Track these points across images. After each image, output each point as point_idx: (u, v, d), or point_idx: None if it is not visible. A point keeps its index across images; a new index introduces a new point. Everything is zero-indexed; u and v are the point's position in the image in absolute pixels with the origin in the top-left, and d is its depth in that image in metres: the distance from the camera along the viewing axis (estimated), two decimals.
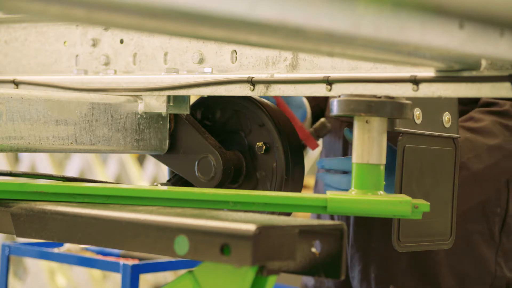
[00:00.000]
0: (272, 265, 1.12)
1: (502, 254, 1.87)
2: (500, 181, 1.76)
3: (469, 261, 1.81)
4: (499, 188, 1.86)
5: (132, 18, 0.76)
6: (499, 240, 1.87)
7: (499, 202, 1.87)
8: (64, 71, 1.74)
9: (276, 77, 1.43)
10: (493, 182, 1.70)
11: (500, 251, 1.86)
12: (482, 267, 1.84)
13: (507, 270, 1.87)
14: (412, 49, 0.97)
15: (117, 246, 1.25)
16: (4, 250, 2.71)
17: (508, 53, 0.95)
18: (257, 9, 0.73)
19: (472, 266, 1.83)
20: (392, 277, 1.84)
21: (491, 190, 1.70)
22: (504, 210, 1.87)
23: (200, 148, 1.63)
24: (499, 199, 1.87)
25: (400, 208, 1.24)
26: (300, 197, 1.29)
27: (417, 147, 1.46)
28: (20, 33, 1.81)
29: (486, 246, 1.84)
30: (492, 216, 1.86)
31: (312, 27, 0.78)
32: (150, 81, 1.58)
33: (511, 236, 1.88)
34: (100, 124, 1.53)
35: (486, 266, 1.84)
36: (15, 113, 1.41)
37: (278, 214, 1.50)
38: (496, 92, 1.15)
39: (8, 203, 1.33)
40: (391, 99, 1.26)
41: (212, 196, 1.31)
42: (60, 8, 0.72)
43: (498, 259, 1.86)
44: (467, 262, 1.82)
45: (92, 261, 2.54)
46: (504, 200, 1.87)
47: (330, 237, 1.16)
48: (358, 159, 1.29)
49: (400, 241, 1.43)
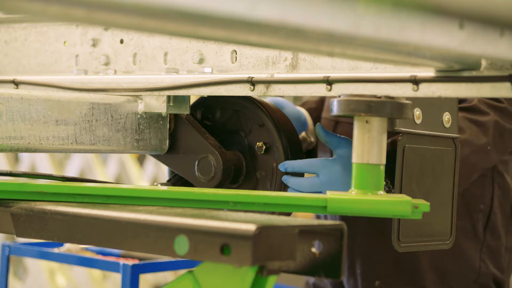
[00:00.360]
0: (272, 265, 1.12)
1: (487, 251, 1.87)
2: (472, 176, 1.76)
3: (450, 257, 1.82)
4: (482, 184, 1.87)
5: (132, 18, 0.76)
6: (484, 237, 1.87)
7: (482, 199, 1.87)
8: (64, 71, 1.74)
9: (276, 77, 1.43)
10: (465, 178, 1.71)
11: (484, 247, 1.87)
12: (465, 263, 1.85)
13: (492, 267, 1.88)
14: (412, 49, 0.97)
15: (117, 246, 1.25)
16: (4, 250, 2.71)
17: (508, 53, 0.95)
18: (257, 9, 0.73)
19: (454, 262, 1.84)
20: (377, 273, 1.86)
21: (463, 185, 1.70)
22: (489, 207, 1.88)
23: (200, 148, 1.63)
24: (483, 196, 1.87)
25: (400, 208, 1.24)
26: (300, 197, 1.29)
27: (417, 147, 1.46)
28: (20, 33, 1.81)
29: (469, 243, 1.85)
30: (475, 212, 1.86)
31: (312, 27, 0.78)
32: (150, 81, 1.58)
33: (496, 233, 1.88)
34: (100, 124, 1.53)
35: (469, 263, 1.85)
36: (15, 113, 1.41)
37: (278, 214, 1.50)
38: (496, 92, 1.15)
39: (8, 203, 1.33)
40: (391, 99, 1.26)
41: (212, 196, 1.31)
42: (60, 8, 0.72)
43: (482, 255, 1.87)
44: (448, 258, 1.82)
45: (92, 261, 2.54)
46: (489, 197, 1.88)
47: (330, 237, 1.16)
48: (358, 159, 1.29)
49: (400, 241, 1.43)
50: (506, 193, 1.91)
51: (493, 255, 1.88)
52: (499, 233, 1.89)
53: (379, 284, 1.86)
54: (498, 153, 1.77)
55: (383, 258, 1.85)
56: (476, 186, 1.86)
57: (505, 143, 1.78)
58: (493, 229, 1.88)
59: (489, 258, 1.88)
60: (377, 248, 1.86)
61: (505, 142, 1.78)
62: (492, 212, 1.88)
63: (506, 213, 1.91)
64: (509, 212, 1.91)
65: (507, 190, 1.91)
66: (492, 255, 1.88)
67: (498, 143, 1.75)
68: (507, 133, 1.77)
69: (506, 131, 1.76)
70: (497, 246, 1.89)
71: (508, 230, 1.92)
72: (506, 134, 1.77)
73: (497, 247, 1.89)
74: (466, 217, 1.85)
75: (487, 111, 1.73)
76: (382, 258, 1.85)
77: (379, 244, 1.85)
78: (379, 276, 1.86)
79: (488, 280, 1.87)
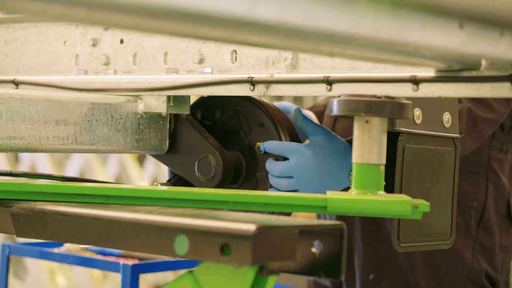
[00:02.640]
0: (272, 265, 1.12)
1: (480, 248, 1.88)
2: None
3: (443, 253, 1.82)
4: (476, 182, 1.87)
5: (132, 18, 0.76)
6: (476, 234, 1.87)
7: (475, 196, 1.87)
8: (64, 71, 1.74)
9: (276, 77, 1.43)
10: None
11: (477, 244, 1.87)
12: (457, 259, 1.85)
13: (485, 265, 1.88)
14: (412, 49, 0.97)
15: (117, 246, 1.25)
16: (4, 250, 2.71)
17: (508, 53, 0.95)
18: (257, 9, 0.73)
19: (446, 258, 1.84)
20: (372, 267, 1.87)
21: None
22: (482, 205, 1.88)
23: (200, 148, 1.63)
24: (475, 193, 1.87)
25: (400, 208, 1.24)
26: (300, 197, 1.29)
27: (417, 147, 1.46)
28: (20, 33, 1.81)
29: (461, 239, 1.85)
30: (468, 209, 1.87)
31: (312, 27, 0.78)
32: (150, 81, 1.58)
33: (489, 230, 1.89)
34: (100, 124, 1.53)
35: (461, 259, 1.85)
36: (15, 113, 1.41)
37: (278, 214, 1.50)
38: (496, 92, 1.15)
39: (8, 203, 1.33)
40: (391, 99, 1.26)
41: (212, 196, 1.31)
42: (60, 8, 0.72)
43: (475, 252, 1.87)
44: (440, 254, 1.83)
45: (92, 261, 2.54)
46: (482, 194, 1.88)
47: (330, 237, 1.16)
48: (358, 159, 1.29)
49: (400, 241, 1.43)
50: (500, 192, 1.91)
51: (486, 252, 1.89)
52: (493, 231, 1.89)
53: (373, 277, 1.87)
54: (472, 141, 1.77)
55: (377, 253, 1.86)
56: (469, 183, 1.87)
57: (479, 132, 1.77)
58: (486, 227, 1.89)
59: (482, 256, 1.88)
60: (371, 243, 1.87)
61: (479, 131, 1.77)
62: (486, 210, 1.88)
63: (500, 211, 1.91)
64: (504, 211, 1.92)
65: (502, 188, 1.91)
66: (485, 253, 1.88)
67: (472, 131, 1.75)
68: (481, 121, 1.76)
69: (479, 119, 1.76)
70: (491, 244, 1.89)
71: (502, 228, 1.92)
72: (479, 122, 1.76)
73: (491, 245, 1.89)
74: (458, 213, 1.85)
75: (461, 99, 1.73)
76: (376, 253, 1.86)
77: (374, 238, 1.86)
78: (373, 270, 1.87)
79: (480, 277, 1.87)
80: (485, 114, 1.77)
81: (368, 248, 1.88)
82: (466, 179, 1.84)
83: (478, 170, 1.87)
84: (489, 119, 1.78)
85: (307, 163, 1.54)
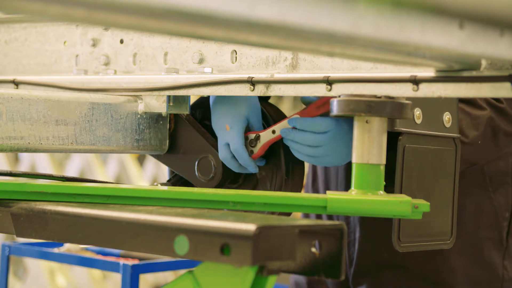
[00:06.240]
0: (272, 265, 1.12)
1: (508, 257, 1.86)
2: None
3: (478, 266, 1.81)
4: (506, 192, 1.86)
5: (132, 18, 0.76)
6: (506, 243, 1.86)
7: (507, 207, 1.86)
8: (64, 71, 1.74)
9: (276, 77, 1.43)
10: None
11: (506, 254, 1.86)
12: (492, 272, 1.84)
13: None
14: (412, 49, 0.97)
15: (117, 246, 1.25)
16: (4, 250, 2.71)
17: (508, 53, 0.95)
18: (257, 9, 0.73)
19: (483, 271, 1.82)
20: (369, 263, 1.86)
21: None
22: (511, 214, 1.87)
23: (200, 148, 1.63)
24: (507, 203, 1.86)
25: (400, 208, 1.24)
26: (300, 197, 1.29)
27: (417, 147, 1.46)
28: (20, 33, 1.81)
29: (495, 251, 1.84)
30: (503, 221, 1.85)
31: (312, 27, 0.78)
32: (150, 81, 1.58)
33: None
34: (100, 124, 1.53)
35: (494, 271, 1.84)
36: (15, 113, 1.41)
37: (278, 214, 1.50)
38: (496, 92, 1.15)
39: (8, 203, 1.33)
40: (391, 99, 1.26)
41: (212, 196, 1.31)
42: (60, 8, 0.72)
43: (504, 262, 1.86)
44: (477, 268, 1.81)
45: (92, 261, 2.54)
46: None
47: (330, 237, 1.16)
48: (358, 159, 1.29)
49: (401, 241, 1.43)
50: None
51: None
52: None
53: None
54: (490, 151, 1.75)
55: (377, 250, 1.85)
56: (501, 195, 1.84)
57: (499, 143, 1.75)
58: None
59: (510, 264, 1.86)
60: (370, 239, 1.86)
61: (499, 142, 1.75)
62: None
63: None
64: None
65: None
66: None
67: (490, 141, 1.73)
68: (502, 133, 1.75)
69: (500, 131, 1.74)
70: None
71: None
72: (500, 134, 1.74)
73: None
74: (495, 226, 1.84)
75: (484, 107, 1.72)
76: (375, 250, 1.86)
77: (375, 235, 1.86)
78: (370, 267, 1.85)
79: (510, 286, 1.85)
80: (508, 128, 1.74)
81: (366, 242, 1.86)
82: (497, 191, 1.82)
83: (507, 180, 1.85)
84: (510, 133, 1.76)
85: (337, 135, 1.50)
